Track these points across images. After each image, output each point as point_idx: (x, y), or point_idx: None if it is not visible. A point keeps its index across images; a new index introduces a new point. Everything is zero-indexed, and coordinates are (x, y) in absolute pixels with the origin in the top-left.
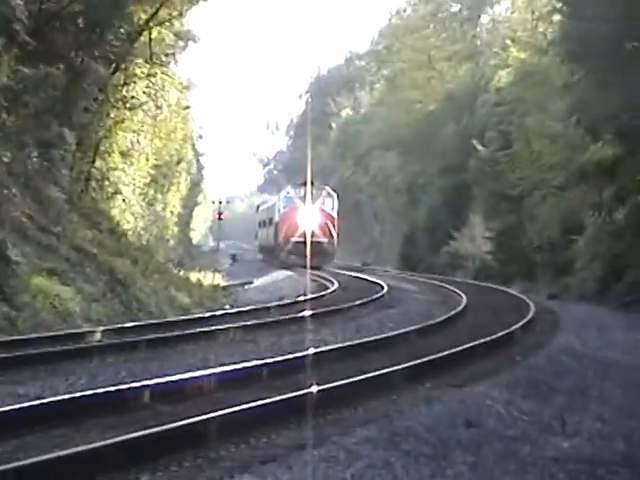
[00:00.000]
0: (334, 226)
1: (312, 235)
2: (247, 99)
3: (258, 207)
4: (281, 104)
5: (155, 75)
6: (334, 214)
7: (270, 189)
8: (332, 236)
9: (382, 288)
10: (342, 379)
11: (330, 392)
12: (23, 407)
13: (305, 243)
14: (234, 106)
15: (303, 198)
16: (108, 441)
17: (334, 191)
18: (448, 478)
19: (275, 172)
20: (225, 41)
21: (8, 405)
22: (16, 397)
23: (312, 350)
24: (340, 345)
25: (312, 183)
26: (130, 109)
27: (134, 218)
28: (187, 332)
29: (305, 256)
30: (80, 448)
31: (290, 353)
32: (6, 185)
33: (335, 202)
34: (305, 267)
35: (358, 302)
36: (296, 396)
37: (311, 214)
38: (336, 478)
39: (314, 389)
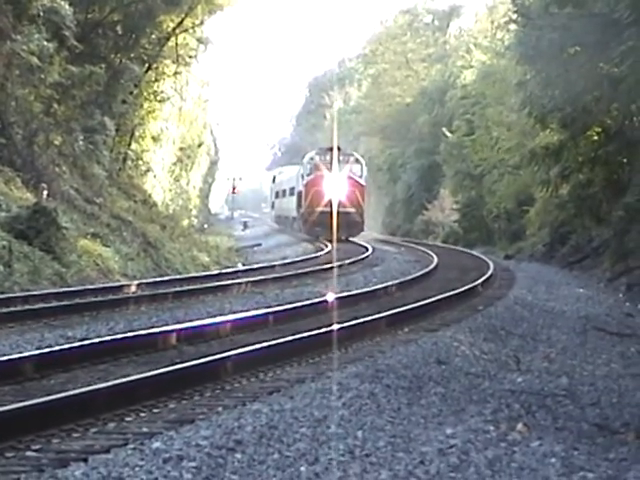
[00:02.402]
0: (362, 195)
1: (339, 205)
2: (256, 93)
3: (274, 178)
4: (285, 98)
5: (180, 73)
6: (362, 182)
7: (275, 168)
8: (360, 206)
9: (367, 250)
10: (334, 324)
11: (325, 335)
12: (72, 347)
13: (331, 213)
14: (246, 98)
15: (329, 165)
16: (142, 375)
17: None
18: (422, 406)
19: (279, 155)
20: (239, 44)
21: (59, 345)
22: (65, 338)
23: (310, 301)
24: (333, 297)
25: (339, 149)
26: (160, 101)
27: (163, 191)
28: (207, 285)
29: (331, 228)
30: (119, 381)
31: (291, 303)
32: (57, 164)
33: (364, 169)
34: (331, 240)
35: (347, 261)
36: (297, 339)
37: (338, 182)
38: (330, 406)
39: (312, 333)
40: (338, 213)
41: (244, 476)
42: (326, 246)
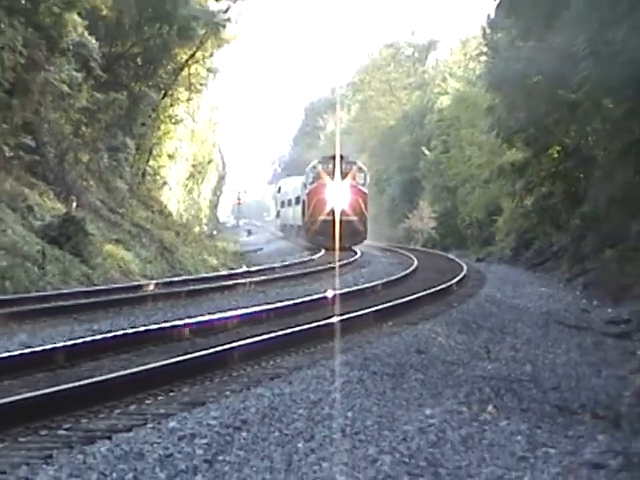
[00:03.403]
0: (365, 203)
1: (341, 213)
2: (259, 116)
3: (280, 188)
4: (284, 121)
5: (193, 99)
6: (365, 190)
7: (275, 182)
8: (363, 214)
9: (356, 254)
10: (328, 319)
11: (319, 328)
12: (97, 339)
13: (334, 222)
14: (250, 120)
15: (332, 173)
16: (159, 363)
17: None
18: (404, 390)
19: (279, 170)
20: (244, 73)
21: (87, 337)
22: (92, 331)
23: (306, 298)
24: (326, 294)
25: (341, 157)
26: (174, 124)
27: (177, 202)
28: (215, 285)
29: (333, 236)
30: (139, 368)
31: (290, 300)
32: (85, 179)
33: (367, 177)
34: (333, 249)
35: (339, 263)
36: (294, 331)
37: (340, 190)
38: (324, 390)
39: (308, 326)
40: (341, 222)
41: (249, 452)
42: (320, 250)
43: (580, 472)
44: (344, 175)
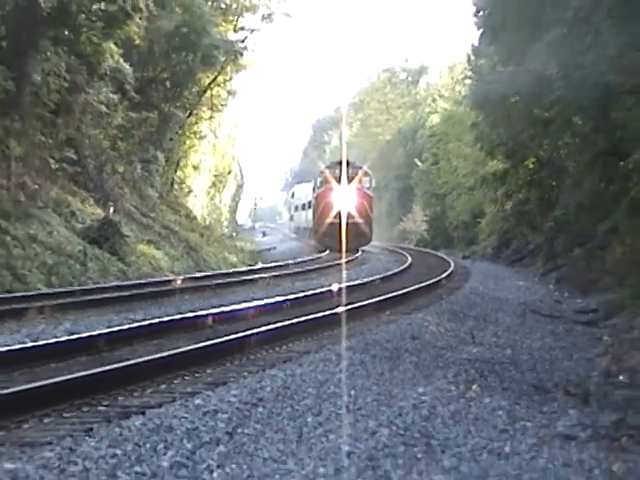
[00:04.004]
0: (370, 206)
1: (348, 216)
2: (273, 131)
3: (293, 193)
4: (294, 135)
5: (214, 117)
6: (370, 193)
7: (286, 190)
8: (369, 216)
9: (357, 252)
10: (334, 308)
11: (326, 317)
12: (133, 327)
13: (340, 225)
14: (265, 135)
15: (338, 178)
16: (186, 348)
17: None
18: (400, 371)
19: (290, 179)
20: (260, 94)
21: (124, 325)
22: (128, 320)
23: (314, 291)
24: (332, 287)
25: (347, 162)
26: (199, 139)
27: (201, 208)
28: (235, 279)
29: (340, 238)
30: (170, 352)
31: (301, 292)
32: (121, 187)
33: (372, 182)
34: (340, 251)
35: (343, 261)
36: (305, 320)
37: (347, 194)
38: (329, 371)
39: (316, 315)
40: (347, 224)
41: (265, 425)
42: (324, 250)
43: (553, 443)
44: (350, 179)
